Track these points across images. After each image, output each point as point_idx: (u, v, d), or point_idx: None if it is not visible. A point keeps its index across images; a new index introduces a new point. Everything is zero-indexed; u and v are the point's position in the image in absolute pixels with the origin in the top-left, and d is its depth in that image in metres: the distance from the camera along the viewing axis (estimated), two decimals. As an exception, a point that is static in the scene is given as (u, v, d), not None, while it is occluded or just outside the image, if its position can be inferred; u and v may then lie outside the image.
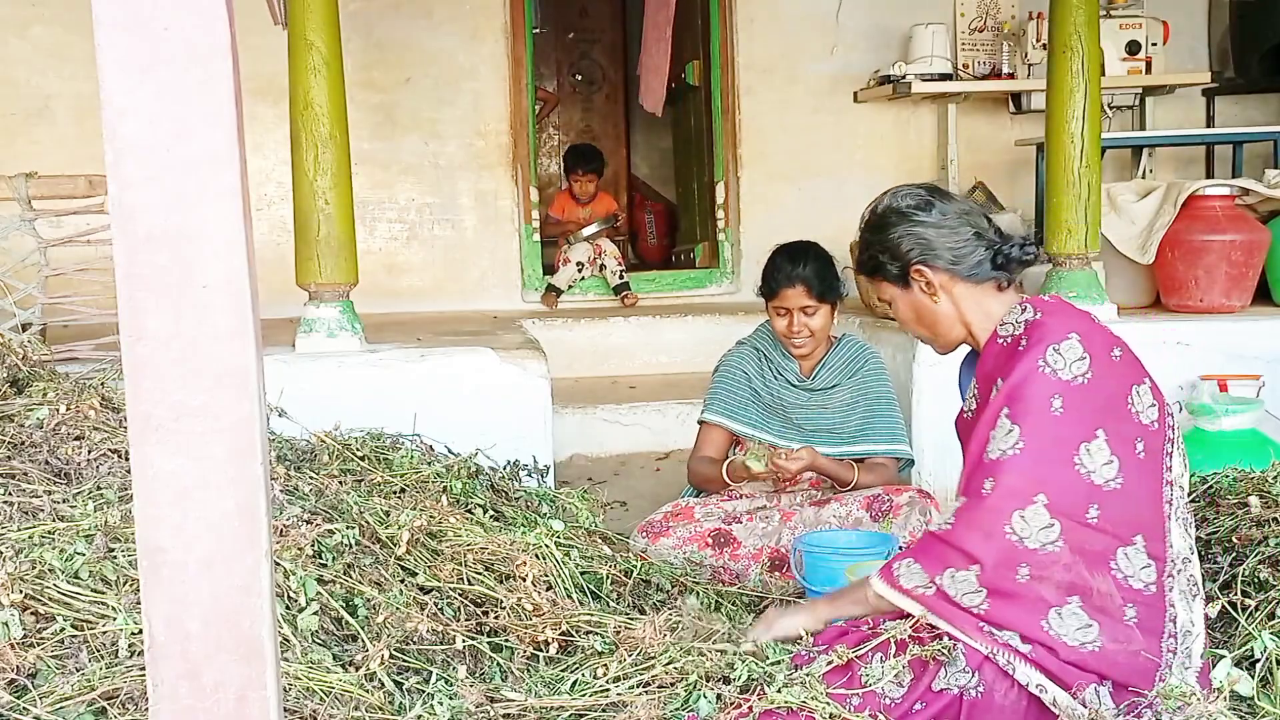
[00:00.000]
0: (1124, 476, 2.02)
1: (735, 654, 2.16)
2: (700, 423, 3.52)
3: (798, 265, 3.31)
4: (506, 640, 2.35)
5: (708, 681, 2.10)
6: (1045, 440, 2.03)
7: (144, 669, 1.43)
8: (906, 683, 2.01)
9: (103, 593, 2.14)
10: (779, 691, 1.96)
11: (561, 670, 2.26)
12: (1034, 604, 2.00)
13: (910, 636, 2.03)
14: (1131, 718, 1.94)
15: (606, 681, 2.14)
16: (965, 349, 2.34)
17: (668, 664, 2.15)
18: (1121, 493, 2.02)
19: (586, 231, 5.99)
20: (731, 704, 2.02)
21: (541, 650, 2.33)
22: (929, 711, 2.00)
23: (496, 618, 2.38)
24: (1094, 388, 2.04)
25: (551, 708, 2.08)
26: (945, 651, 2.00)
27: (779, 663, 2.10)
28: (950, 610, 2.02)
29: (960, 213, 2.25)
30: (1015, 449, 2.02)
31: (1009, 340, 2.15)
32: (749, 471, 3.26)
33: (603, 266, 5.94)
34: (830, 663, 2.04)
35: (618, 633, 2.30)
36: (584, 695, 2.11)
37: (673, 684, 2.12)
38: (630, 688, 2.12)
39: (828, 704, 1.94)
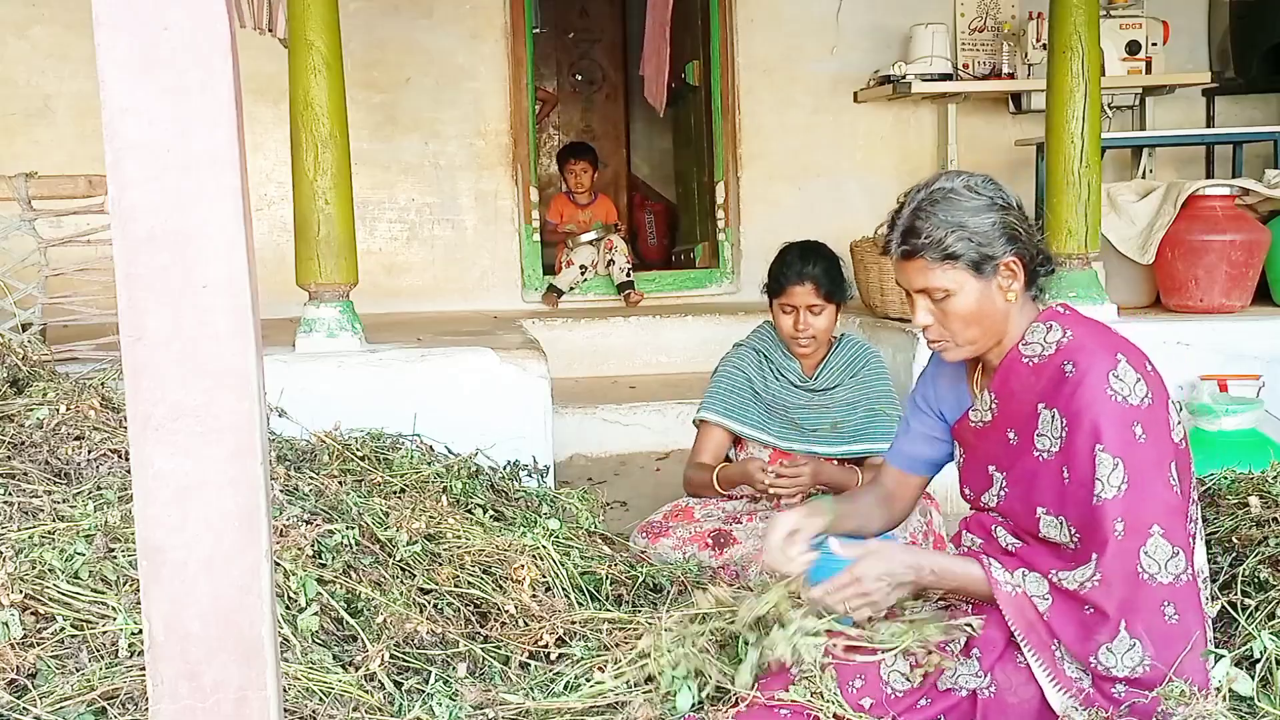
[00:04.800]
0: (1181, 489, 2.04)
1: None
2: (698, 423, 3.47)
3: (808, 263, 3.29)
4: (503, 644, 2.35)
5: (698, 676, 2.09)
6: (1143, 468, 1.97)
7: (144, 669, 1.43)
8: (914, 679, 2.01)
9: (103, 593, 2.15)
10: (786, 689, 1.96)
11: (556, 672, 2.25)
12: (1190, 641, 1.96)
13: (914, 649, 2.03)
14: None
15: (606, 677, 2.14)
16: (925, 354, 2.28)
17: (663, 664, 2.15)
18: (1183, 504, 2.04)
19: (586, 237, 5.98)
20: (731, 702, 2.02)
21: (538, 655, 2.32)
22: (936, 707, 2.00)
23: (491, 625, 2.38)
24: (1155, 409, 2.01)
25: (550, 710, 2.08)
26: (951, 644, 2.01)
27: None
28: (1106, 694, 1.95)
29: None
30: (1124, 485, 1.96)
31: (1037, 360, 2.07)
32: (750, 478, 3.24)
33: (611, 262, 5.93)
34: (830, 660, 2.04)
35: (610, 634, 2.30)
36: (581, 697, 2.11)
37: (661, 685, 2.12)
38: (629, 685, 2.12)
39: (832, 701, 1.94)
